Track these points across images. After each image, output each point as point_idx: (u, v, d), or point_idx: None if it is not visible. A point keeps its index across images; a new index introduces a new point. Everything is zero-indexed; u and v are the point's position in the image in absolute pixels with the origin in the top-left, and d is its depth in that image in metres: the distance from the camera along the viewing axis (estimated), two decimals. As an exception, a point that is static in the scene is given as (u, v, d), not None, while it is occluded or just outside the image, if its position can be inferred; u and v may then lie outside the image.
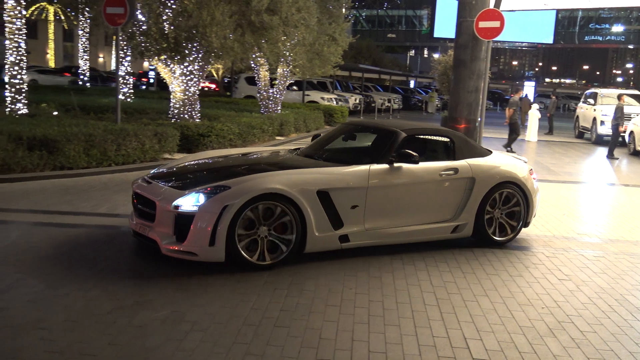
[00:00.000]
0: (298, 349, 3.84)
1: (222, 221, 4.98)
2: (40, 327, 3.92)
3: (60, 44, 60.37)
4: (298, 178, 5.43)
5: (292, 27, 14.53)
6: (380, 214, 5.89)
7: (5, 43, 13.42)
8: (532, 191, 6.72)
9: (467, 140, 6.82)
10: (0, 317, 4.05)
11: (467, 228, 6.37)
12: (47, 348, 3.65)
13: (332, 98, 28.72)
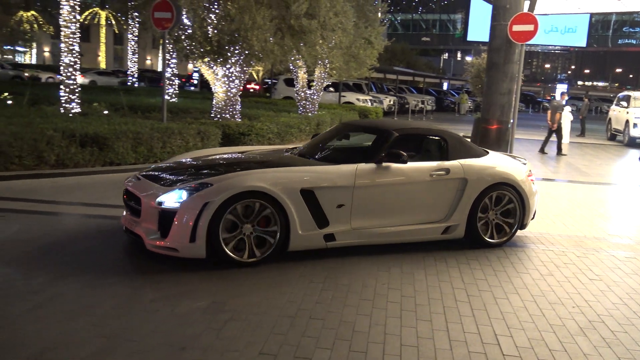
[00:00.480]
0: (332, 340, 3.84)
1: (202, 218, 4.84)
2: (90, 313, 4.01)
3: (111, 47, 61.64)
4: (281, 176, 5.26)
5: (329, 31, 14.53)
6: (368, 213, 5.65)
7: (61, 46, 13.76)
8: (529, 193, 6.36)
9: (462, 141, 6.47)
10: (57, 302, 4.16)
11: (459, 229, 6.07)
12: (96, 333, 3.73)
13: (367, 99, 28.62)
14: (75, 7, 13.54)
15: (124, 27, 38.05)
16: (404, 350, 3.77)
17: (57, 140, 9.05)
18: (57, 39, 25.81)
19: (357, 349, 3.74)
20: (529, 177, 6.51)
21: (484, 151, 6.68)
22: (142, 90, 27.01)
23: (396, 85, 38.48)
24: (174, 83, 23.35)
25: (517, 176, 6.32)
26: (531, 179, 6.57)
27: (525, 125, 26.73)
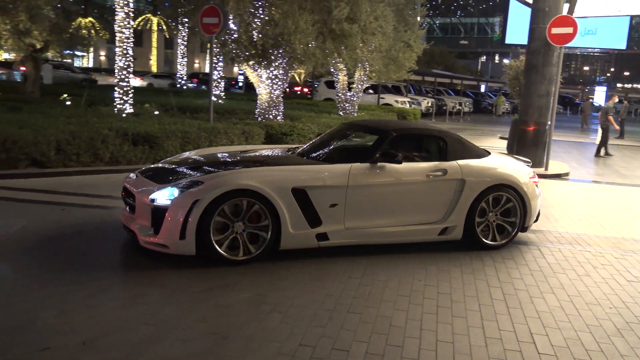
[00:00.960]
0: (369, 334, 3.83)
1: (192, 215, 4.72)
2: (140, 302, 4.11)
3: (162, 51, 62.89)
4: (272, 175, 5.10)
5: (369, 35, 14.47)
6: (362, 213, 5.45)
7: (116, 50, 14.11)
8: (531, 195, 6.04)
9: (462, 141, 6.20)
10: (109, 291, 4.28)
11: (456, 231, 5.80)
12: (145, 320, 3.81)
13: (405, 101, 28.41)
14: (130, 14, 13.86)
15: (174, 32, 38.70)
16: (439, 346, 3.73)
17: (112, 139, 9.29)
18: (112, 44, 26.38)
19: (393, 343, 3.72)
20: (531, 179, 6.20)
21: (485, 152, 6.40)
22: (190, 92, 27.47)
23: (434, 88, 38.07)
24: (220, 85, 23.67)
25: (518, 178, 6.01)
26: (534, 181, 6.25)
27: (562, 127, 26.06)
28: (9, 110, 11.66)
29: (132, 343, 3.48)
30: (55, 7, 16.86)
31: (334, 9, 12.97)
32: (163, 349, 3.44)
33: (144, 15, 54.89)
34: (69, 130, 9.07)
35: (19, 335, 3.49)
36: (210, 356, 3.39)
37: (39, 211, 6.44)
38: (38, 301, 4.00)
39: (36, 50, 16.73)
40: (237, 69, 48.90)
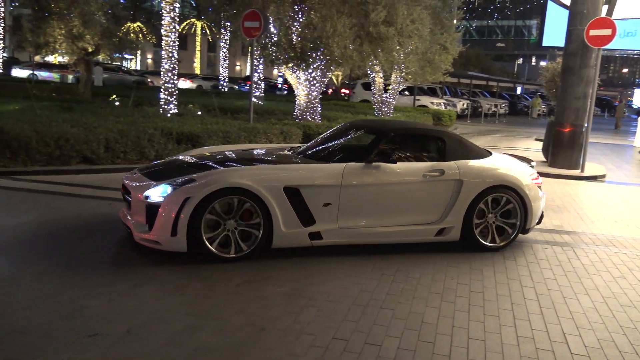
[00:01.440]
0: (401, 330, 3.81)
1: (183, 212, 4.66)
2: (182, 293, 4.19)
3: (205, 54, 63.84)
4: (264, 173, 5.01)
5: (406, 37, 14.38)
6: (356, 212, 5.29)
7: (162, 53, 14.40)
8: (532, 197, 5.78)
9: (462, 141, 5.97)
10: (153, 281, 4.38)
11: (453, 231, 5.59)
12: (187, 311, 3.89)
13: (441, 103, 28.10)
14: (175, 18, 14.13)
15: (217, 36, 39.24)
16: (471, 344, 3.68)
17: (157, 138, 9.50)
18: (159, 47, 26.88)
19: (425, 339, 3.69)
20: (533, 181, 5.95)
21: (487, 152, 6.17)
22: (231, 94, 27.81)
23: (470, 89, 37.51)
24: (260, 86, 23.89)
25: (519, 179, 5.76)
26: (536, 183, 6.00)
27: (600, 130, 25.33)
28: (63, 110, 12.04)
29: (174, 332, 3.56)
30: (106, 13, 17.32)
31: (371, 12, 12.93)
32: (203, 338, 3.51)
33: (188, 19, 55.83)
34: (118, 129, 9.31)
35: (68, 321, 3.60)
36: (248, 346, 3.44)
37: (89, 205, 6.63)
38: (86, 290, 4.12)
39: (88, 53, 17.22)
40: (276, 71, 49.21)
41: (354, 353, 3.44)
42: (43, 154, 8.42)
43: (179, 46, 14.73)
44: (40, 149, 8.39)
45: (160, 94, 14.37)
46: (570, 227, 7.09)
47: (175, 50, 14.30)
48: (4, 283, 4.15)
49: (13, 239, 5.18)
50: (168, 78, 14.27)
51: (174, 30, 14.15)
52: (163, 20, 14.18)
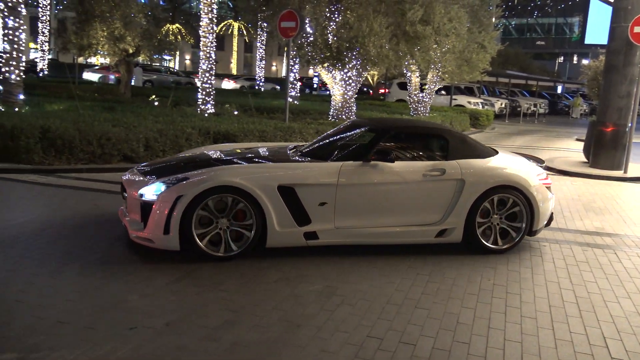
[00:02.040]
0: (436, 330, 3.80)
1: (175, 210, 4.63)
2: (220, 289, 4.27)
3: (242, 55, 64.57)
4: (258, 172, 4.94)
5: (443, 36, 14.25)
6: (352, 212, 5.15)
7: (200, 54, 14.65)
8: (539, 198, 5.55)
9: (465, 140, 5.76)
10: (192, 277, 4.48)
11: (455, 233, 5.39)
12: (224, 306, 3.96)
13: (478, 102, 27.70)
14: (213, 20, 14.35)
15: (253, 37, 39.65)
16: (507, 345, 3.64)
17: (195, 137, 9.67)
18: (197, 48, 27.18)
19: (460, 340, 3.67)
20: (541, 181, 5.72)
21: (492, 151, 5.94)
22: (267, 93, 28.06)
23: (508, 89, 36.86)
24: (296, 86, 24.04)
25: (525, 179, 5.52)
26: (545, 183, 5.76)
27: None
28: (104, 110, 12.38)
29: (212, 327, 3.63)
30: (146, 15, 17.73)
31: (407, 11, 12.86)
32: (239, 333, 3.57)
33: (225, 21, 56.56)
34: (157, 128, 9.53)
35: (110, 314, 3.72)
36: (283, 342, 3.48)
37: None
38: (126, 284, 4.24)
39: (129, 54, 17.65)
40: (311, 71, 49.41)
41: (388, 351, 3.45)
42: (86, 153, 8.68)
43: (216, 47, 14.96)
44: (83, 147, 8.65)
45: (198, 94, 14.62)
46: (611, 229, 6.91)
47: (213, 51, 14.53)
48: (49, 276, 4.31)
49: (57, 234, 5.37)
50: (205, 78, 14.50)
51: (212, 31, 14.37)
52: (201, 22, 14.43)
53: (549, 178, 5.94)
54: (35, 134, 8.41)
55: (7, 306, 3.74)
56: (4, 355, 3.12)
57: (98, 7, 16.68)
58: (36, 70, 28.80)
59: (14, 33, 11.56)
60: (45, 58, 29.80)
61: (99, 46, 16.93)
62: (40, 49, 29.64)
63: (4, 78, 11.74)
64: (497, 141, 17.91)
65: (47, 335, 3.37)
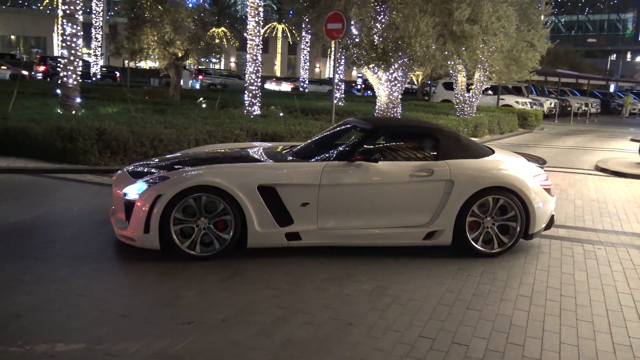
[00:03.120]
0: (489, 331, 3.76)
1: (155, 210, 4.63)
2: (269, 287, 4.35)
3: (286, 57, 65.12)
4: (238, 172, 4.88)
5: (491, 35, 14.02)
6: (336, 213, 5.04)
7: (246, 56, 14.89)
8: (535, 200, 5.30)
9: (459, 139, 5.54)
10: (242, 275, 4.58)
11: (444, 235, 5.19)
12: (275, 304, 4.04)
13: (526, 102, 27.08)
14: (260, 22, 14.56)
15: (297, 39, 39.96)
16: (563, 348, 3.58)
17: (243, 138, 9.85)
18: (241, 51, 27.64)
19: (514, 342, 3.63)
20: (540, 182, 5.49)
21: (488, 151, 5.72)
22: (311, 95, 28.23)
23: (558, 88, 35.87)
24: (340, 87, 24.10)
25: (519, 180, 5.27)
26: (543, 184, 5.52)
27: None
28: (155, 112, 12.74)
29: (264, 323, 3.71)
30: (194, 19, 18.15)
31: (455, 10, 12.73)
32: (291, 330, 3.63)
33: (270, 23, 57.22)
34: (206, 130, 9.75)
35: (167, 309, 3.85)
36: (335, 340, 3.52)
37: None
38: (181, 281, 4.38)
39: (178, 58, 18.10)
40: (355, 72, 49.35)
41: (440, 352, 3.44)
42: (139, 153, 8.96)
43: (261, 49, 15.17)
44: (136, 148, 8.94)
45: (245, 96, 14.85)
46: (671, 232, 6.67)
47: (259, 53, 14.73)
48: (108, 272, 4.49)
49: (113, 232, 5.57)
50: (252, 80, 14.72)
51: (258, 34, 14.58)
52: (248, 25, 14.66)
53: (549, 179, 5.72)
54: (91, 136, 8.75)
55: (72, 300, 3.93)
56: (72, 345, 3.28)
57: (149, 13, 17.18)
58: (89, 75, 29.86)
59: (71, 39, 12.05)
60: (98, 63, 30.85)
61: (150, 50, 17.43)
62: (94, 54, 30.70)
63: (62, 82, 12.25)
64: (547, 142, 17.48)
65: (110, 328, 3.52)
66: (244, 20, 51.01)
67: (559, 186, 9.43)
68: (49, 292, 4.03)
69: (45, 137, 8.78)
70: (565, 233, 6.40)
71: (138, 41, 17.18)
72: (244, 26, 13.93)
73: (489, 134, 17.76)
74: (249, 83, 14.75)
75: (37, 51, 56.57)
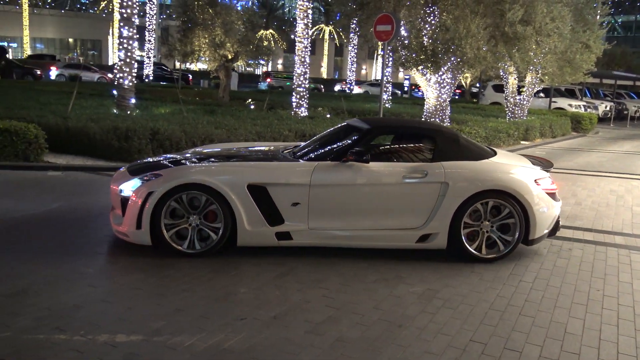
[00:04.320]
0: (543, 338, 3.70)
1: (146, 206, 4.72)
2: (321, 287, 4.40)
3: (332, 59, 65.29)
4: (228, 170, 4.94)
5: (544, 36, 13.70)
6: (327, 213, 4.98)
7: (295, 58, 15.03)
8: (536, 204, 5.09)
9: (457, 141, 5.38)
10: (293, 274, 4.65)
11: (438, 239, 5.05)
12: (327, 303, 4.08)
13: (580, 105, 26.28)
14: (308, 25, 14.68)
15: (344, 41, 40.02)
16: (621, 358, 3.48)
17: (291, 139, 9.96)
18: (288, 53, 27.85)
19: (569, 350, 3.55)
20: (543, 186, 5.27)
21: (488, 153, 5.53)
22: (358, 97, 28.23)
23: (614, 90, 34.64)
24: (387, 89, 24.00)
25: (518, 183, 5.07)
26: (547, 189, 5.29)
27: None
28: (206, 113, 13.03)
29: (315, 322, 3.76)
30: (244, 22, 18.45)
31: (507, 11, 12.50)
32: (342, 330, 3.67)
33: (317, 25, 57.51)
34: (256, 130, 9.91)
35: (220, 305, 3.95)
36: (385, 341, 3.54)
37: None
38: (234, 278, 4.48)
39: (227, 60, 18.44)
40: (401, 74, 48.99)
41: (492, 357, 3.41)
42: (191, 153, 9.19)
43: (309, 51, 15.28)
44: (188, 148, 9.16)
45: (292, 97, 15.00)
46: None
47: (307, 55, 14.85)
48: (166, 268, 4.63)
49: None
50: (300, 82, 14.86)
51: (307, 36, 14.70)
52: (297, 27, 14.80)
53: (554, 183, 5.49)
54: (146, 136, 9.03)
55: (130, 293, 4.08)
56: (131, 336, 3.42)
57: (200, 16, 17.58)
58: (142, 77, 30.77)
59: (127, 42, 12.47)
60: (151, 64, 31.74)
61: (201, 52, 17.83)
62: (147, 56, 31.61)
63: (118, 83, 12.69)
64: (602, 146, 16.92)
65: (166, 321, 3.64)
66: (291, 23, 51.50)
67: (616, 192, 9.13)
68: (108, 285, 4.20)
69: (103, 136, 9.12)
70: (622, 240, 6.20)
71: (190, 43, 17.60)
72: (292, 28, 14.10)
73: (540, 138, 17.33)
74: (296, 85, 14.89)
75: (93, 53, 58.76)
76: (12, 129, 8.38)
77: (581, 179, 10.37)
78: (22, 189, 7.16)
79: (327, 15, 57.87)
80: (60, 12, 59.72)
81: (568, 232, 6.43)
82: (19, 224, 5.61)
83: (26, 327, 3.46)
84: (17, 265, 4.47)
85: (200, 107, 15.00)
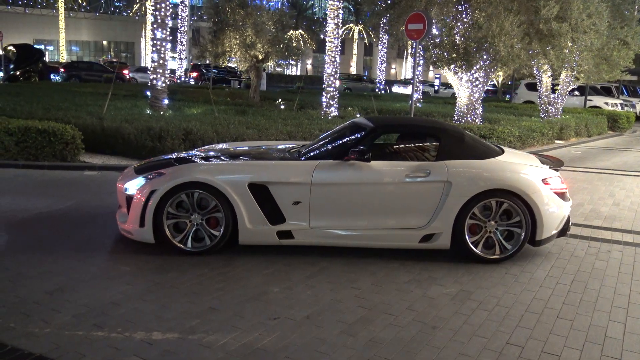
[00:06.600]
0: (582, 342, 3.61)
1: (149, 204, 4.76)
2: (353, 287, 4.39)
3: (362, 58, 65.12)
4: (229, 169, 4.95)
5: (580, 33, 13.38)
6: (328, 213, 4.94)
7: (325, 58, 15.03)
8: (543, 204, 4.96)
9: (462, 139, 5.26)
10: (325, 274, 4.64)
11: (442, 238, 4.95)
12: (358, 303, 4.07)
13: (616, 103, 25.62)
14: (339, 24, 14.66)
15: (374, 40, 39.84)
16: (664, 364, 3.37)
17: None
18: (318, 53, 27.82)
19: (610, 354, 3.46)
20: (552, 186, 5.11)
21: (495, 152, 5.38)
22: (388, 96, 28.08)
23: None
24: (419, 89, 23.81)
25: (524, 183, 4.95)
26: (555, 189, 5.14)
27: None
28: (237, 113, 13.14)
29: (348, 322, 3.75)
30: (274, 22, 18.53)
31: (542, 8, 12.25)
32: (375, 330, 3.65)
33: (347, 25, 57.45)
34: (286, 130, 9.94)
35: (254, 304, 3.97)
36: (419, 342, 3.50)
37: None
38: (267, 277, 4.50)
39: (258, 60, 18.56)
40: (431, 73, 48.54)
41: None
42: (223, 153, 9.28)
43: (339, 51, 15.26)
44: (220, 148, 9.26)
45: (322, 97, 15.01)
46: None
47: (337, 55, 14.84)
48: (200, 267, 4.68)
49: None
50: (330, 82, 14.85)
51: (337, 35, 14.68)
52: (327, 27, 14.80)
53: (564, 183, 5.34)
54: (179, 136, 9.15)
55: (166, 291, 4.14)
56: (167, 334, 3.46)
57: (232, 17, 17.73)
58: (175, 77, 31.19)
59: (161, 44, 12.66)
60: (183, 65, 32.17)
61: (232, 53, 17.98)
62: (179, 57, 32.05)
63: (152, 85, 12.89)
64: (639, 145, 16.47)
65: (201, 320, 3.68)
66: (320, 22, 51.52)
67: (656, 193, 8.87)
68: (145, 283, 4.27)
69: (137, 136, 9.28)
70: (664, 243, 6.02)
71: (221, 44, 17.77)
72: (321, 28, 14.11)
73: (575, 137, 16.97)
74: (326, 84, 14.88)
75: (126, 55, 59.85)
76: (50, 130, 8.59)
77: (618, 179, 10.11)
78: (59, 187, 7.33)
79: (357, 14, 57.77)
80: (94, 15, 61.07)
81: (607, 233, 6.27)
82: (56, 222, 5.75)
83: (65, 323, 3.54)
84: (54, 262, 4.58)
85: (232, 107, 15.13)
